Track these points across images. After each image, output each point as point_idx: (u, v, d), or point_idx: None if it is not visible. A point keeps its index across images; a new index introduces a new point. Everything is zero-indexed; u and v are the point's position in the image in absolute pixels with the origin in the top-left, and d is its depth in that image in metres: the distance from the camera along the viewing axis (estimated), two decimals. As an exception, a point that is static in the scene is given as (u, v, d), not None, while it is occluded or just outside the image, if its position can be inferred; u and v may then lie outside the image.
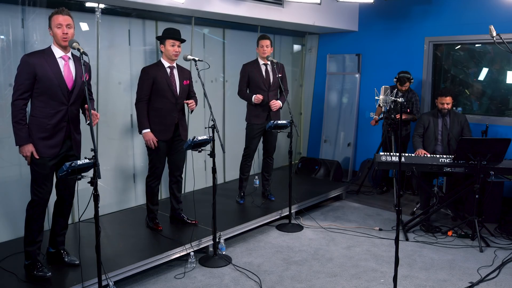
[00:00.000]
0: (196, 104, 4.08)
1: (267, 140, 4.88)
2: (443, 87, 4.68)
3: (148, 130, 3.87)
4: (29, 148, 3.00)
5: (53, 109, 3.04)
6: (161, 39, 3.91)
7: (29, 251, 3.16)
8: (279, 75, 4.71)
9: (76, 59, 3.15)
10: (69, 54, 3.11)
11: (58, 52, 3.05)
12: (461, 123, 4.71)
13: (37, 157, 3.02)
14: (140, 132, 3.91)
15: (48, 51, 3.06)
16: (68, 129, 3.13)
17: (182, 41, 3.93)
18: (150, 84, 3.85)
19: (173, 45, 3.86)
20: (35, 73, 2.96)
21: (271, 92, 4.71)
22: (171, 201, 4.23)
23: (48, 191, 3.13)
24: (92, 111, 2.99)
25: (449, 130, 4.67)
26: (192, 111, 4.05)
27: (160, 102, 3.89)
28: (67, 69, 3.08)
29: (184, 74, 4.04)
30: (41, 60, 2.99)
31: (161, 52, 3.95)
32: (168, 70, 3.92)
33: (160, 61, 3.96)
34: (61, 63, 3.06)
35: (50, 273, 3.11)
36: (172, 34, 3.88)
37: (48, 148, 3.06)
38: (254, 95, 4.57)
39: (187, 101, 3.95)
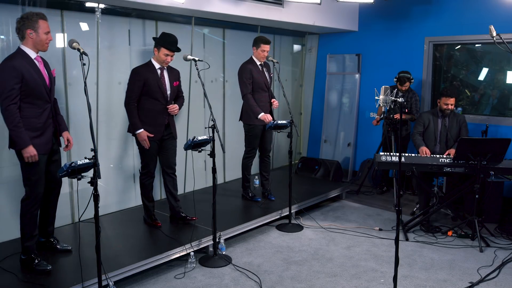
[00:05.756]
0: (181, 106, 4.09)
1: (265, 139, 4.88)
2: (448, 87, 4.63)
3: (142, 130, 3.88)
4: (32, 148, 3.05)
5: (40, 108, 3.14)
6: (157, 45, 3.88)
7: (27, 246, 3.21)
8: (272, 75, 4.75)
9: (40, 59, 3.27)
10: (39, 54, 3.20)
11: (32, 54, 3.12)
12: (460, 123, 4.68)
13: (37, 157, 3.09)
14: (133, 134, 3.92)
15: (23, 53, 3.09)
16: (54, 124, 3.28)
17: (178, 50, 3.92)
18: (141, 86, 3.85)
19: (166, 55, 3.86)
20: (22, 76, 3.00)
21: (269, 92, 4.75)
22: (168, 200, 4.23)
23: (43, 186, 3.22)
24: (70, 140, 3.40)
25: (447, 130, 4.66)
26: (174, 115, 4.05)
27: (151, 103, 3.90)
28: (42, 68, 3.17)
29: (174, 75, 4.04)
30: (23, 63, 3.04)
31: (154, 53, 3.93)
32: (159, 72, 3.92)
33: (150, 61, 3.95)
34: (37, 63, 3.14)
35: (50, 266, 3.17)
36: (168, 45, 3.84)
37: (42, 146, 3.15)
38: (261, 113, 4.52)
39: (169, 106, 3.94)
